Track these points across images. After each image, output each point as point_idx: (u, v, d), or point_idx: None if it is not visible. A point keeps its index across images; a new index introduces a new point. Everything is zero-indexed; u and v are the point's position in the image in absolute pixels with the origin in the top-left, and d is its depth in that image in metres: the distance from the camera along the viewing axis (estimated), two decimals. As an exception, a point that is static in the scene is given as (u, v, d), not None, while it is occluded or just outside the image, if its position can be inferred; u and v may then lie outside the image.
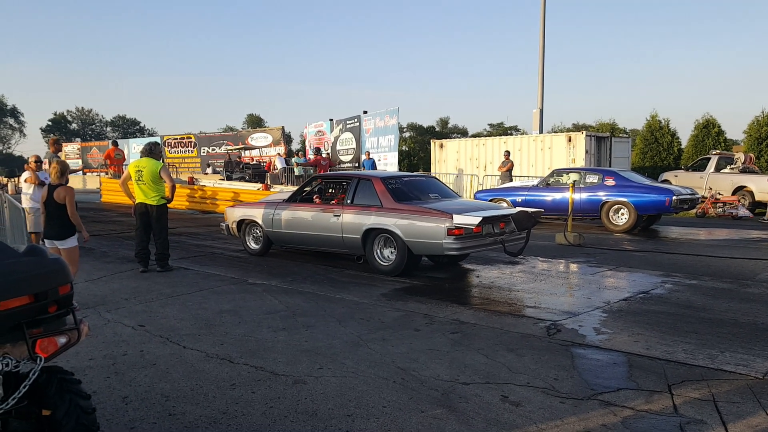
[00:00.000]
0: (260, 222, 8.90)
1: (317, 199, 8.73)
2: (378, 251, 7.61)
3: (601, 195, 12.44)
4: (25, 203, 8.93)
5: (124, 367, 4.15)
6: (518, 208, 8.39)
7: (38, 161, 9.18)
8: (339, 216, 7.88)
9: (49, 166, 9.56)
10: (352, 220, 7.74)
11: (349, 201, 7.93)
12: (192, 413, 3.40)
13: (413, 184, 8.29)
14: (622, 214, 12.23)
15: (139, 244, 7.83)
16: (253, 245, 9.21)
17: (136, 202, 7.84)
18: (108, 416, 3.34)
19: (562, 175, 13.42)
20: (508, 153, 18.73)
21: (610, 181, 12.48)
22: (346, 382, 3.85)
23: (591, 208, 12.57)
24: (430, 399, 3.58)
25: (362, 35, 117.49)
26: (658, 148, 25.52)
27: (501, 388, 3.75)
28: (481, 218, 6.80)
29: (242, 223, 9.25)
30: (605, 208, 12.38)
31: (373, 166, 20.97)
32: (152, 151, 7.95)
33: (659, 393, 3.65)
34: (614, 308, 5.81)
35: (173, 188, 7.93)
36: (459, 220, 6.82)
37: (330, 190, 8.84)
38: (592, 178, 12.83)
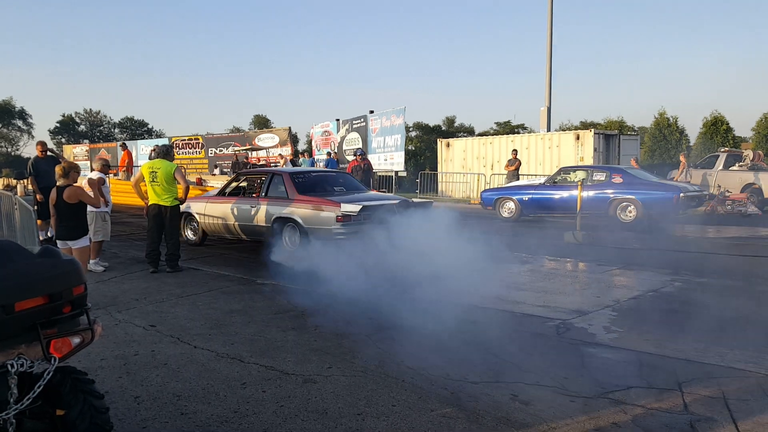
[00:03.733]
0: (194, 214, 9.84)
1: (241, 193, 9.60)
2: (287, 238, 8.51)
3: (609, 193, 12.39)
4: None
5: (135, 367, 4.19)
6: (401, 198, 9.26)
7: (106, 164, 8.38)
8: (255, 207, 8.85)
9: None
10: (265, 211, 8.73)
11: (263, 194, 8.92)
12: (203, 412, 3.43)
13: (320, 179, 9.43)
14: (630, 211, 12.18)
15: (150, 244, 7.88)
16: (191, 236, 10.15)
17: (149, 203, 7.89)
18: (120, 416, 3.38)
19: (569, 173, 13.39)
20: (515, 152, 18.70)
21: (618, 179, 12.43)
22: (356, 381, 3.86)
23: (599, 206, 12.54)
24: (439, 398, 3.59)
25: (368, 35, 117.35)
26: (666, 146, 25.44)
27: (510, 386, 3.75)
28: (361, 206, 7.89)
29: (183, 216, 9.81)
30: (613, 206, 12.34)
31: (313, 164, 22.10)
32: (168, 153, 8.07)
33: (669, 391, 3.65)
34: (624, 307, 5.80)
35: (187, 189, 8.07)
36: (345, 208, 7.89)
37: (252, 184, 9.70)
38: (600, 176, 12.79)
